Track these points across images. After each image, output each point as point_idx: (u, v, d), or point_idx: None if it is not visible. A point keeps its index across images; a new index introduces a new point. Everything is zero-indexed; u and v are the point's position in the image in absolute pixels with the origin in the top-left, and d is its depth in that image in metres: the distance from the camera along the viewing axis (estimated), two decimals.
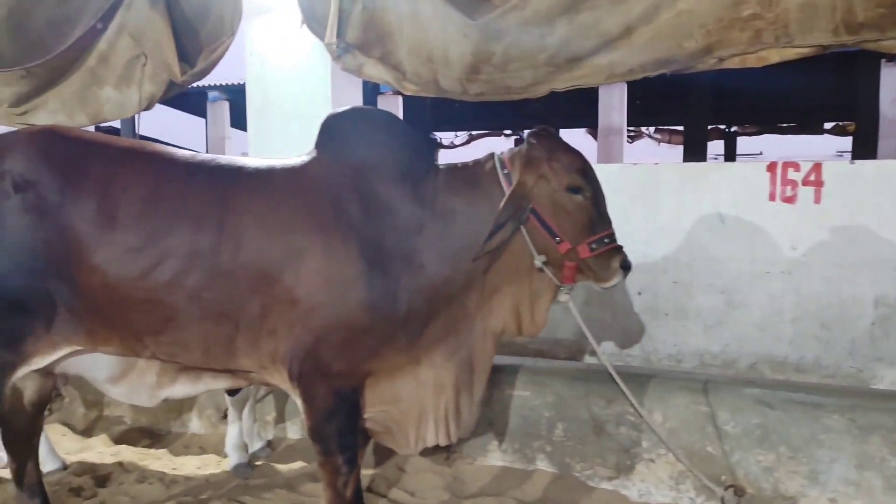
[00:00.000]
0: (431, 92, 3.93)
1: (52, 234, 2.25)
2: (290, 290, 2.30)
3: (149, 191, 2.31)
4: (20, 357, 2.33)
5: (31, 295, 2.26)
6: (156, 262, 2.24)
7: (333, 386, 2.37)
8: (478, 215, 2.46)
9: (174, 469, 3.52)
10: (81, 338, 2.34)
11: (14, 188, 2.26)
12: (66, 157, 2.33)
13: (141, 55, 4.76)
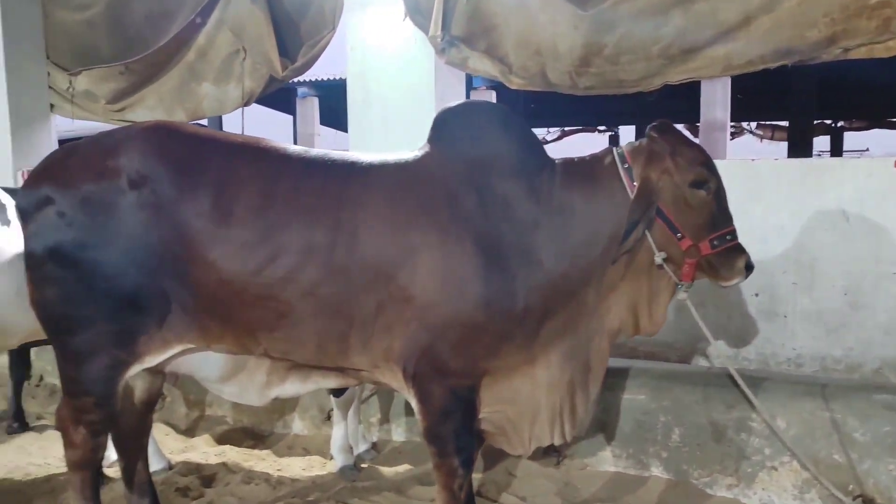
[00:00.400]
0: (538, 86, 3.90)
1: (166, 230, 2.26)
2: (406, 288, 2.28)
3: (264, 186, 2.31)
4: (133, 355, 2.34)
5: (145, 293, 2.27)
6: (271, 258, 2.24)
7: (450, 385, 2.34)
8: (597, 211, 2.43)
9: (279, 470, 3.54)
10: (194, 335, 2.35)
11: (129, 185, 2.27)
12: (181, 153, 2.34)
13: (240, 50, 4.87)
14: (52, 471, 3.51)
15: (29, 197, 2.36)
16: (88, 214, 2.27)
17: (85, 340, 2.32)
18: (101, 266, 2.27)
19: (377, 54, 4.31)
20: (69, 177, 2.32)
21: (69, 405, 2.43)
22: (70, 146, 2.45)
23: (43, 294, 2.35)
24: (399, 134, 4.17)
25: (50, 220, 2.29)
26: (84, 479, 2.50)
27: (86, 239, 2.27)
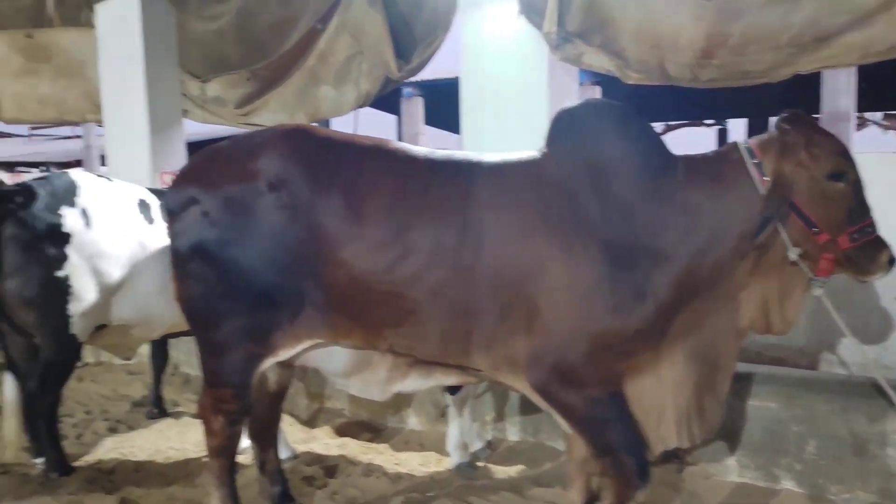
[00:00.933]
0: (656, 79, 3.74)
1: (301, 231, 2.32)
2: (531, 298, 2.24)
3: (394, 188, 2.33)
4: (267, 349, 2.43)
5: (281, 291, 2.35)
6: (400, 257, 2.26)
7: (589, 395, 2.28)
8: (724, 209, 2.30)
9: (397, 465, 3.57)
10: (324, 331, 2.41)
11: (268, 187, 2.34)
12: (316, 155, 2.39)
13: (358, 53, 4.96)
14: (189, 455, 3.70)
15: (175, 197, 2.48)
16: (230, 215, 2.36)
17: (224, 334, 2.43)
18: (241, 264, 2.36)
19: (490, 53, 4.26)
20: (213, 178, 2.43)
21: (209, 395, 2.55)
22: (212, 149, 2.56)
23: (187, 290, 2.48)
24: (512, 133, 4.11)
25: (194, 220, 2.40)
26: (222, 466, 2.63)
27: (227, 238, 2.36)
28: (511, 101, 4.19)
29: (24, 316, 3.21)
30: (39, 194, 3.22)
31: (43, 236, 3.17)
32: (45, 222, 3.18)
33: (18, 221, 3.15)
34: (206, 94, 6.07)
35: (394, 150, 2.45)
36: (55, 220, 3.21)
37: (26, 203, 3.18)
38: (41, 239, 3.16)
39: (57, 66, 7.28)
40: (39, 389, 3.25)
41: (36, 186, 3.26)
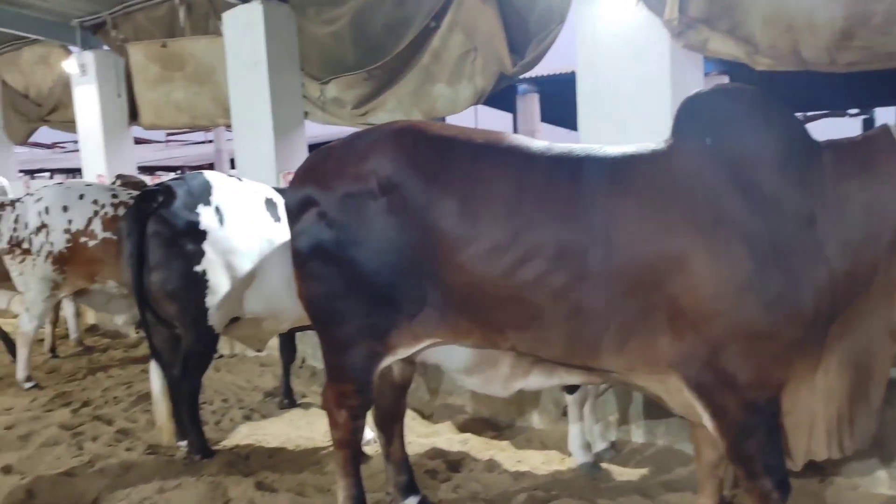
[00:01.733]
0: (789, 65, 3.47)
1: (416, 234, 2.27)
2: (675, 299, 2.10)
3: (511, 187, 2.23)
4: (386, 347, 2.43)
5: (398, 291, 2.33)
6: (520, 261, 2.16)
7: (745, 398, 2.12)
8: (878, 198, 2.10)
9: (519, 462, 3.52)
10: (443, 331, 2.37)
11: (381, 190, 2.31)
12: (429, 155, 2.33)
13: (471, 50, 4.91)
14: (318, 444, 3.80)
15: (294, 198, 2.52)
16: (345, 216, 2.37)
17: (345, 332, 2.45)
18: (357, 265, 2.36)
19: (607, 44, 4.10)
20: (327, 179, 2.43)
21: (332, 390, 2.59)
22: (327, 149, 2.56)
23: (309, 289, 2.51)
24: (632, 126, 3.94)
25: (312, 221, 2.43)
26: (346, 456, 2.68)
27: (344, 239, 2.37)
28: (630, 94, 4.02)
29: (167, 307, 3.41)
30: (178, 194, 3.39)
31: (182, 233, 3.35)
32: (184, 220, 3.35)
33: (160, 219, 3.34)
34: (325, 96, 6.20)
35: (510, 146, 2.34)
36: (193, 217, 3.38)
37: (167, 202, 3.36)
38: (181, 235, 3.34)
39: (189, 73, 7.67)
40: (181, 377, 3.43)
41: (174, 186, 3.43)
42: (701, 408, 2.17)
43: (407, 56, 5.37)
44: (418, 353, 2.51)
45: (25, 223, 4.98)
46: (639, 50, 3.98)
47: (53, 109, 9.79)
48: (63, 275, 5.03)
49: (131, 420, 4.24)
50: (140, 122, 8.60)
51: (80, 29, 8.41)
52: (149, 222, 3.33)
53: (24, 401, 4.72)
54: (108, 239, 5.01)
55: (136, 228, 3.31)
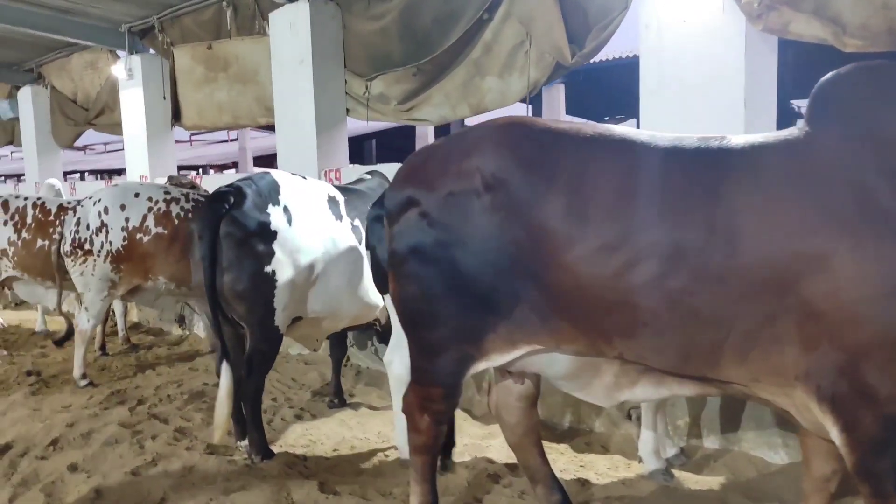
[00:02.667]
0: (883, 45, 3.19)
1: (520, 233, 2.09)
2: (812, 303, 1.86)
3: (622, 182, 2.02)
4: (480, 352, 2.25)
5: (496, 294, 2.15)
6: (632, 262, 1.94)
7: (884, 412, 1.87)
8: None
9: (582, 466, 3.34)
10: (544, 337, 2.16)
11: (484, 187, 2.11)
12: (535, 151, 2.14)
13: (525, 41, 4.69)
14: (374, 445, 3.63)
15: (395, 199, 2.36)
16: (447, 215, 2.20)
17: (438, 335, 2.28)
18: (457, 266, 2.18)
19: (675, 30, 3.86)
20: (430, 179, 2.27)
21: (417, 393, 2.41)
22: (429, 148, 2.43)
23: (404, 290, 2.34)
24: (701, 118, 3.70)
25: (413, 221, 2.27)
26: (424, 462, 2.50)
27: (445, 239, 2.20)
28: (700, 84, 3.77)
29: (237, 307, 3.30)
30: (248, 194, 3.26)
31: (254, 233, 3.23)
32: (255, 220, 3.24)
33: (233, 220, 3.23)
34: (370, 92, 6.02)
35: (621, 139, 2.13)
36: (264, 218, 3.26)
37: (238, 203, 3.23)
38: (252, 236, 3.23)
39: (233, 73, 7.58)
40: (246, 376, 3.28)
41: (244, 187, 3.30)
42: (830, 421, 1.92)
43: (456, 50, 5.16)
44: (515, 362, 2.30)
45: (87, 224, 4.96)
46: (710, 36, 3.73)
47: (100, 113, 9.83)
48: (120, 273, 4.96)
49: (186, 419, 4.11)
50: (182, 123, 8.58)
51: (129, 34, 8.45)
52: (221, 223, 3.21)
53: (82, 398, 4.62)
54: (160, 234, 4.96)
55: (209, 230, 3.20)
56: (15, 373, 5.33)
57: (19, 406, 4.45)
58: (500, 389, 2.60)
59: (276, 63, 6.60)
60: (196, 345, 6.32)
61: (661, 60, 3.93)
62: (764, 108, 3.72)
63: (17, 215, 5.57)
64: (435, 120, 5.61)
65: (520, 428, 2.63)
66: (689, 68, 3.81)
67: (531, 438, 2.65)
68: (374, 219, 3.24)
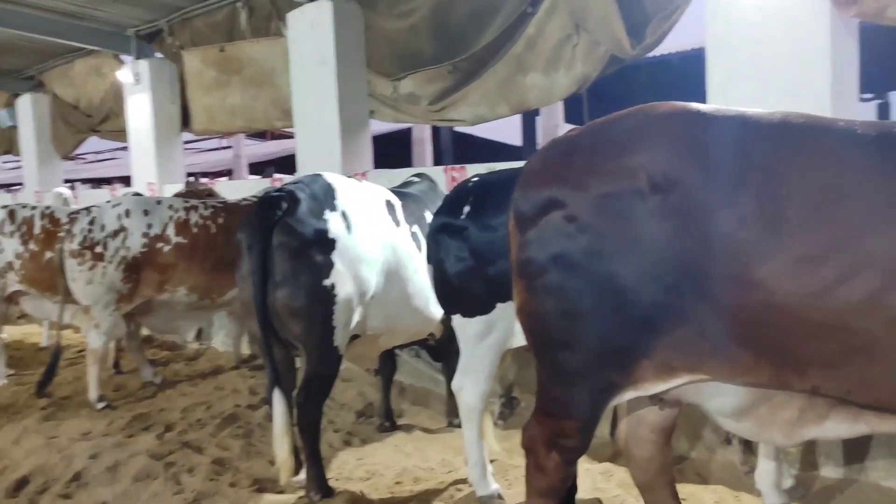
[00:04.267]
0: None
1: (695, 243, 1.72)
2: None
3: (832, 178, 1.67)
4: (628, 380, 1.89)
5: (656, 313, 1.79)
6: (843, 276, 1.59)
7: None
8: None
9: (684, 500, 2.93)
10: (714, 366, 1.80)
11: (651, 188, 1.75)
12: (716, 144, 1.77)
13: (572, 35, 4.36)
14: (439, 477, 3.25)
15: (531, 200, 1.96)
16: (602, 220, 1.83)
17: (578, 358, 1.91)
18: (610, 279, 1.82)
19: (749, 19, 3.52)
20: (578, 177, 1.89)
21: (545, 426, 2.03)
22: (569, 140, 2.01)
23: (539, 305, 1.96)
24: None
25: (556, 226, 1.89)
26: None
27: (597, 248, 1.83)
28: (777, 77, 3.44)
29: (292, 327, 2.90)
30: (301, 199, 2.88)
31: (311, 243, 2.84)
32: (312, 228, 2.84)
33: (287, 228, 2.83)
34: (397, 92, 5.68)
35: (821, 126, 1.77)
36: (322, 225, 2.87)
37: (291, 209, 2.85)
38: (310, 245, 2.84)
39: (247, 76, 7.24)
40: (302, 405, 2.89)
41: (296, 191, 2.93)
42: None
43: (496, 46, 4.82)
44: (669, 391, 1.94)
45: (102, 226, 4.63)
46: (790, 24, 3.39)
47: (104, 119, 9.47)
48: (130, 284, 4.60)
49: (223, 447, 3.72)
50: (192, 128, 8.24)
51: (136, 38, 8.11)
52: (273, 232, 2.82)
53: (101, 424, 4.22)
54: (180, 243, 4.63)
55: (259, 240, 2.80)
56: (24, 394, 4.92)
57: (33, 433, 4.03)
58: (631, 419, 2.23)
59: (296, 64, 6.25)
60: (216, 360, 5.93)
61: (732, 52, 3.59)
62: (850, 100, 3.40)
63: (25, 226, 5.17)
64: (470, 120, 5.27)
65: (653, 465, 2.26)
66: (766, 61, 3.48)
67: (664, 478, 2.28)
68: (440, 228, 2.88)
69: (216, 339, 6.34)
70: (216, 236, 4.91)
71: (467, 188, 2.91)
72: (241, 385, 4.95)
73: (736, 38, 3.58)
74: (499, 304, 2.77)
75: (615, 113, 2.01)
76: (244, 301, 2.95)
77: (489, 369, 2.87)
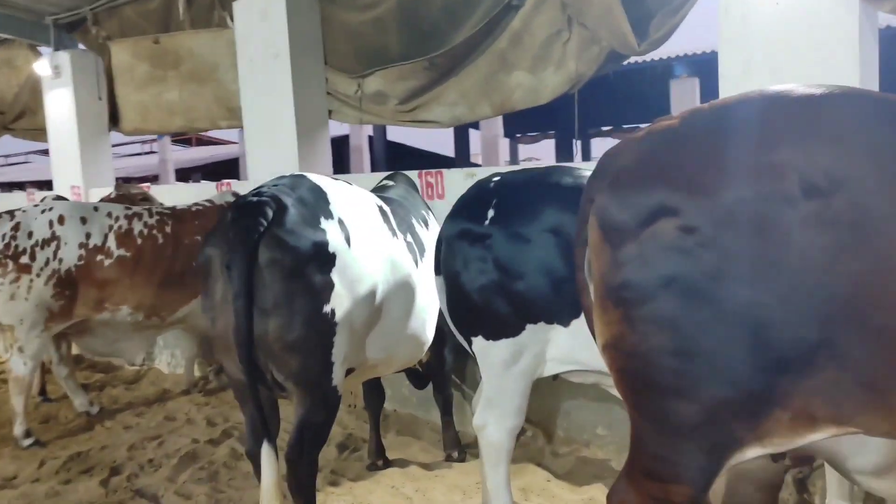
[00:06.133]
0: None
1: (865, 262, 1.34)
2: None
3: None
4: (754, 434, 1.49)
5: (799, 351, 1.40)
6: None
7: None
8: None
9: None
10: (871, 417, 1.41)
11: (805, 192, 1.36)
12: (886, 135, 1.37)
13: (563, 30, 3.99)
14: None
15: (627, 205, 1.54)
16: (733, 233, 1.41)
17: (694, 408, 1.49)
18: (742, 309, 1.41)
19: (767, 14, 3.24)
20: (697, 176, 1.47)
21: (644, 492, 1.60)
22: (674, 130, 1.57)
23: (643, 341, 1.52)
24: None
25: (668, 239, 1.47)
26: None
27: (725, 268, 1.42)
28: (798, 77, 3.16)
29: (283, 364, 2.31)
30: (288, 204, 2.32)
31: (308, 259, 2.27)
32: (309, 241, 2.28)
33: (277, 242, 2.25)
34: (363, 91, 5.17)
35: None
36: (320, 237, 2.32)
37: (279, 217, 2.28)
38: (306, 263, 2.27)
39: (186, 71, 6.54)
40: (296, 457, 2.34)
41: (278, 193, 2.36)
42: None
43: (476, 41, 4.39)
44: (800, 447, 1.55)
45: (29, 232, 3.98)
46: (813, 20, 3.13)
47: (19, 117, 8.47)
48: (63, 300, 3.92)
49: (184, 495, 3.15)
50: (121, 127, 7.45)
51: (55, 27, 7.22)
52: (260, 246, 2.24)
53: (30, 466, 3.55)
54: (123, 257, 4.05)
55: (242, 256, 2.19)
56: None
57: None
58: (731, 473, 1.84)
59: (244, 58, 5.64)
60: (160, 383, 5.25)
61: (749, 51, 3.29)
62: None
63: None
64: (446, 121, 4.82)
65: None
66: (785, 59, 3.20)
67: None
68: (459, 235, 2.44)
69: (160, 360, 5.64)
70: (164, 247, 4.29)
71: (489, 189, 2.48)
72: (196, 414, 4.33)
73: (752, 37, 3.29)
74: (529, 326, 2.35)
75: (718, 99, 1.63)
76: (216, 334, 2.36)
77: (518, 402, 2.45)
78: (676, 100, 12.28)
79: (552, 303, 2.28)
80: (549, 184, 2.37)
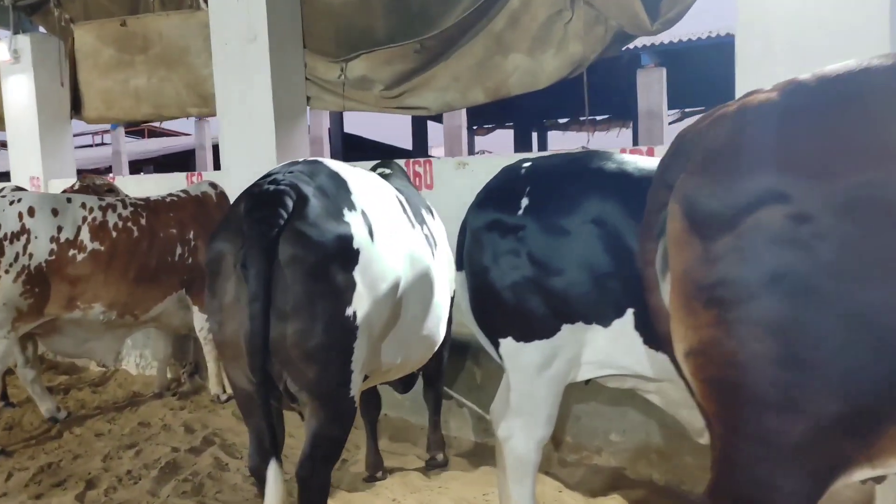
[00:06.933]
0: None
1: None
2: None
3: None
4: (865, 453, 1.26)
5: None
6: None
7: None
8: None
9: None
10: None
11: None
12: None
13: (564, 10, 3.74)
14: None
15: (722, 190, 1.30)
16: (858, 223, 1.19)
17: (803, 425, 1.27)
18: (869, 311, 1.19)
19: None
20: (813, 158, 1.24)
21: None
22: (766, 105, 1.33)
23: (742, 347, 1.29)
24: None
25: (776, 230, 1.24)
26: None
27: (848, 263, 1.20)
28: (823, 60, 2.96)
29: (301, 373, 1.99)
30: (308, 194, 2.01)
31: (333, 256, 1.97)
32: (333, 235, 1.98)
33: (298, 237, 1.94)
34: (346, 76, 4.84)
35: None
36: (344, 230, 2.01)
37: (300, 209, 1.97)
38: (331, 260, 1.96)
39: (154, 55, 6.11)
40: (307, 478, 2.05)
41: (298, 182, 2.04)
42: None
43: (469, 22, 4.12)
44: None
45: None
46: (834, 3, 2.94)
47: None
48: (32, 299, 3.54)
49: None
50: (84, 115, 6.95)
51: (13, 9, 6.71)
52: (281, 242, 1.93)
53: None
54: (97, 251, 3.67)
55: (260, 253, 1.88)
56: None
57: None
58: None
59: (219, 41, 5.25)
60: (129, 385, 4.86)
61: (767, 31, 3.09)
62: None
63: None
64: (435, 107, 4.53)
65: None
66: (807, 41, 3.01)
67: None
68: (487, 226, 2.17)
69: (128, 361, 5.24)
70: (139, 241, 3.92)
71: (520, 175, 2.21)
72: (172, 420, 3.97)
73: (771, 16, 3.09)
74: (566, 326, 2.10)
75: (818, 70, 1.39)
76: (224, 340, 2.05)
77: (548, 410, 2.19)
78: (643, 90, 12.18)
79: (594, 301, 2.03)
80: (590, 170, 2.11)
